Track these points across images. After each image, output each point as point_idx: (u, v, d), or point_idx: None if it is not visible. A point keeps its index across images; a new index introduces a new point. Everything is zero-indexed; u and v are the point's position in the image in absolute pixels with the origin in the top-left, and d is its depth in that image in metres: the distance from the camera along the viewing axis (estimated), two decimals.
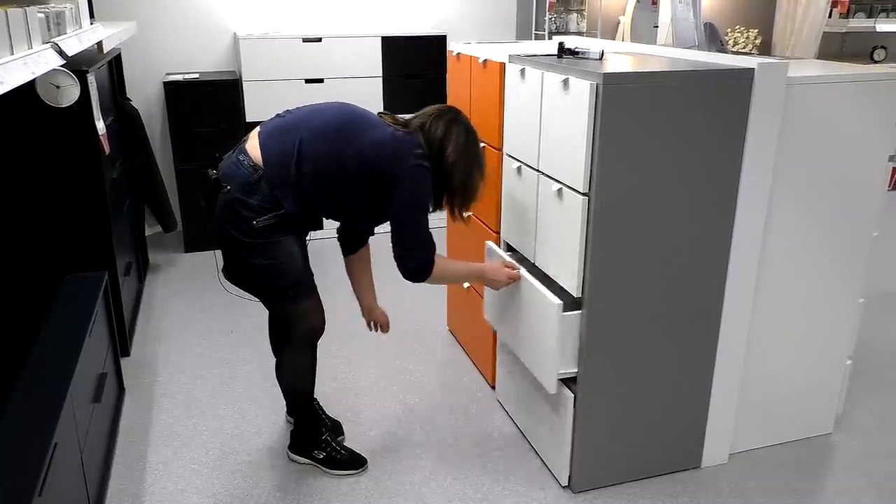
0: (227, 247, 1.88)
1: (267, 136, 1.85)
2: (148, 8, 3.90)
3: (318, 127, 1.83)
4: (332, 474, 2.09)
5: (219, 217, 1.85)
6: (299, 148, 1.80)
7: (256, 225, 1.80)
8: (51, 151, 2.44)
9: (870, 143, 1.99)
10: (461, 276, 2.08)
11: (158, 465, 2.13)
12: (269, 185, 1.79)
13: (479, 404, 2.45)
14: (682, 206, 1.84)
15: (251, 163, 1.81)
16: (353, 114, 1.88)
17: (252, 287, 1.94)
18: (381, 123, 1.87)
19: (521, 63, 2.05)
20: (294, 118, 1.88)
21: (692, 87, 1.75)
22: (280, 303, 1.96)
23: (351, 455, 2.13)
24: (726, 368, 2.04)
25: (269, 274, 1.87)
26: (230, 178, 1.82)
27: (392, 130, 1.85)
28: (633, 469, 2.06)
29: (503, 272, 2.02)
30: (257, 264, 1.85)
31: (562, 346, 1.86)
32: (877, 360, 2.74)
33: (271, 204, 1.80)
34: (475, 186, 1.93)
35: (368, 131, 1.82)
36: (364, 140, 1.81)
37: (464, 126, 1.91)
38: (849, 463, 2.16)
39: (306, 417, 2.15)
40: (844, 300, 2.14)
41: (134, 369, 2.66)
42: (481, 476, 2.09)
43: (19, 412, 1.55)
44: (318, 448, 2.12)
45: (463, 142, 1.88)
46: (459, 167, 1.87)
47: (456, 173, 1.87)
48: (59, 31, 2.01)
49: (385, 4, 4.31)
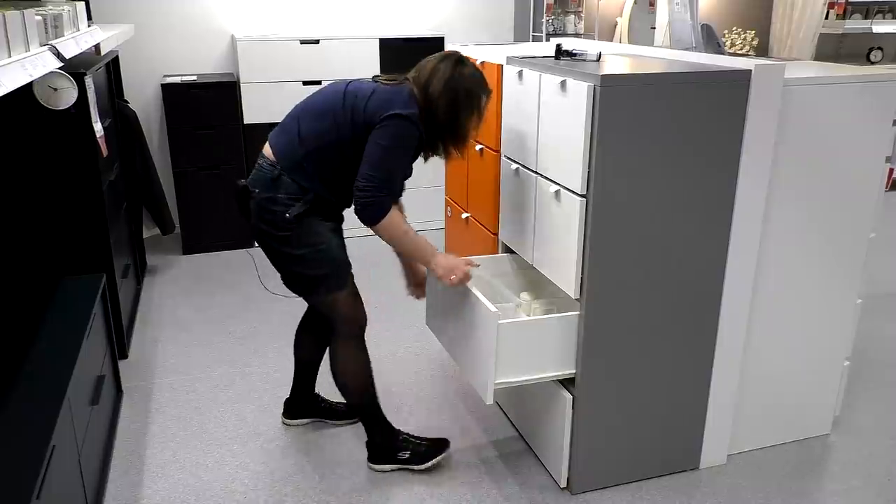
0: (269, 249, 1.93)
1: (274, 133, 1.94)
2: (145, 10, 3.90)
3: (312, 106, 1.90)
4: (424, 469, 2.08)
5: (255, 222, 1.91)
6: (299, 130, 1.87)
7: (289, 216, 1.84)
8: (48, 153, 2.44)
9: (867, 144, 2.00)
10: (412, 244, 1.89)
11: (156, 468, 2.13)
12: (287, 175, 1.85)
13: (478, 405, 2.45)
14: (679, 208, 1.84)
15: (269, 162, 1.89)
16: (345, 84, 1.90)
17: (297, 281, 1.97)
18: (370, 85, 1.87)
19: (518, 65, 2.06)
20: (294, 110, 1.94)
21: (689, 88, 1.75)
22: (321, 293, 1.96)
23: (431, 442, 2.12)
24: (724, 369, 2.04)
25: (309, 260, 1.89)
26: (256, 182, 1.90)
27: (378, 86, 1.86)
28: (632, 470, 2.06)
29: (461, 268, 1.89)
30: (298, 255, 1.89)
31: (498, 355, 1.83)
32: (875, 361, 2.74)
33: (297, 192, 1.85)
34: (462, 123, 1.86)
35: (357, 97, 1.84)
36: (353, 105, 1.83)
37: (453, 61, 1.86)
38: (847, 464, 2.16)
39: (375, 420, 2.10)
40: (842, 301, 2.14)
41: (132, 371, 2.66)
42: (480, 478, 2.09)
43: (17, 415, 1.55)
44: (400, 449, 2.09)
45: (448, 76, 1.83)
46: (443, 103, 1.82)
47: (440, 109, 1.83)
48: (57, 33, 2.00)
49: (383, 6, 4.32)
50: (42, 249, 2.51)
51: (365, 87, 1.87)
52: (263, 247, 1.95)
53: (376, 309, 2.90)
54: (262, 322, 3.07)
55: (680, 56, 2.20)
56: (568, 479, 2.02)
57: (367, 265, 2.94)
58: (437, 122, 1.85)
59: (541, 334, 1.86)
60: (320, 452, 2.20)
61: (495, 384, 1.86)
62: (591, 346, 1.88)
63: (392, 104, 1.80)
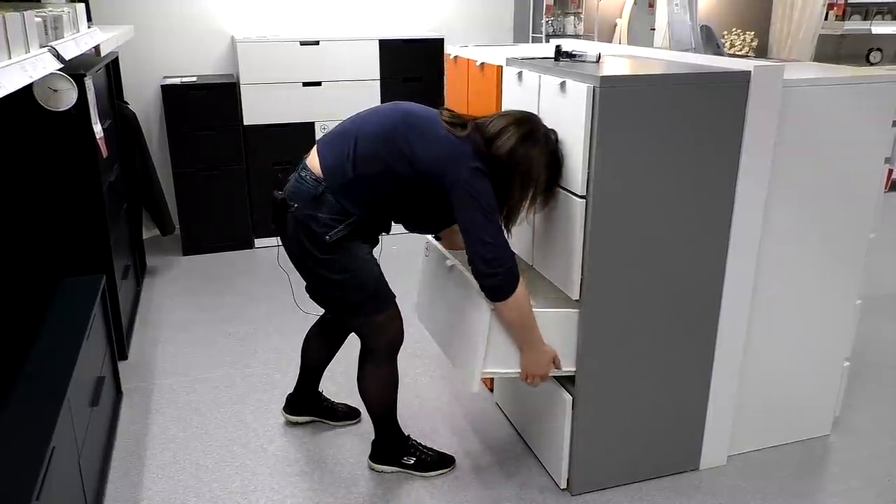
0: (304, 265, 1.86)
1: (324, 145, 1.83)
2: (145, 11, 3.90)
3: (372, 128, 1.78)
4: (425, 477, 2.08)
5: (291, 236, 1.82)
6: (354, 150, 1.76)
7: (330, 239, 1.76)
8: (48, 155, 2.44)
9: (866, 145, 2.00)
10: (532, 326, 1.80)
11: (156, 469, 2.13)
12: (332, 194, 1.76)
13: (478, 407, 2.45)
14: (679, 209, 1.84)
15: (313, 177, 1.79)
16: (409, 113, 1.79)
17: (333, 304, 1.93)
18: (437, 124, 1.75)
19: (518, 66, 2.06)
20: (349, 123, 1.84)
21: (689, 89, 1.75)
22: (360, 316, 1.91)
23: (438, 455, 2.12)
24: (724, 370, 2.04)
25: (349, 286, 1.84)
26: (296, 195, 1.80)
27: (446, 133, 1.73)
28: (632, 471, 2.06)
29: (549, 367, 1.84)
30: (336, 280, 1.83)
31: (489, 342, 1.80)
32: (874, 362, 2.74)
33: (340, 213, 1.77)
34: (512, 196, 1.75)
35: (422, 133, 1.74)
36: (416, 142, 1.73)
37: (525, 132, 1.73)
38: (847, 465, 2.16)
39: (390, 428, 2.09)
40: (842, 302, 2.14)
41: (132, 373, 2.66)
42: (479, 479, 2.09)
43: (17, 416, 1.55)
44: (406, 455, 2.09)
45: (512, 145, 1.71)
46: (503, 168, 1.71)
47: (497, 172, 1.72)
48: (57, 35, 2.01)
49: (382, 8, 4.32)
50: (42, 250, 2.50)
51: (429, 124, 1.75)
52: (298, 264, 1.87)
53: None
54: (263, 323, 3.07)
55: (679, 57, 2.20)
56: (568, 480, 2.02)
57: None
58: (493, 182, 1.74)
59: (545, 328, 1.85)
60: (320, 453, 2.20)
61: (483, 373, 1.84)
62: (591, 346, 1.88)
63: (467, 157, 1.70)
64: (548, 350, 1.84)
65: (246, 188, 3.87)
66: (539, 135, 1.77)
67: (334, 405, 2.33)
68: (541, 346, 1.83)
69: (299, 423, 2.33)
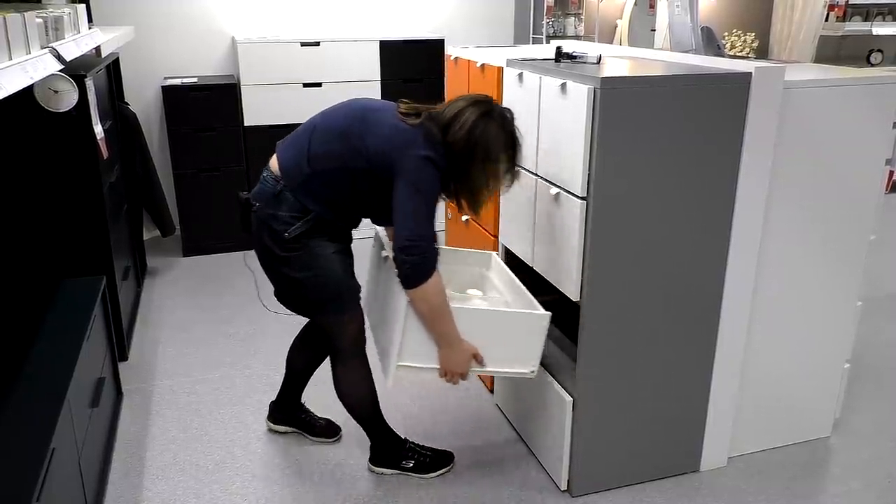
0: (268, 265, 1.88)
1: (282, 146, 1.87)
2: (146, 12, 3.91)
3: (327, 125, 1.81)
4: (426, 478, 2.08)
5: (256, 236, 1.86)
6: (309, 148, 1.79)
7: (288, 236, 1.78)
8: (49, 156, 2.44)
9: (866, 147, 2.00)
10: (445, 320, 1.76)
11: (156, 471, 2.13)
12: (291, 192, 1.78)
13: (478, 409, 2.45)
14: (680, 210, 1.84)
15: (273, 176, 1.82)
16: (364, 108, 1.81)
17: (298, 304, 1.93)
18: (390, 115, 1.77)
19: (518, 67, 2.06)
20: (307, 123, 1.87)
21: (690, 91, 1.75)
22: (324, 315, 1.92)
23: (435, 453, 2.11)
24: (725, 372, 2.04)
25: (310, 285, 1.85)
26: (258, 195, 1.84)
27: (397, 123, 1.75)
28: (632, 473, 2.06)
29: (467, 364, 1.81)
30: (298, 278, 1.84)
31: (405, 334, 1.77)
32: (875, 363, 2.74)
33: (299, 211, 1.78)
34: (473, 179, 1.75)
35: (374, 126, 1.76)
36: (369, 135, 1.75)
37: (482, 110, 1.73)
38: (847, 466, 2.16)
39: (379, 429, 2.09)
40: (842, 303, 2.14)
41: (132, 374, 2.66)
42: (480, 481, 2.09)
43: (17, 417, 1.55)
44: (405, 458, 2.09)
45: (470, 125, 1.71)
46: (458, 151, 1.71)
47: (455, 157, 1.72)
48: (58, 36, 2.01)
49: (383, 9, 4.32)
50: (42, 251, 2.51)
51: (382, 116, 1.77)
52: (263, 263, 1.89)
53: None
54: (263, 324, 3.07)
55: (680, 58, 2.20)
56: (568, 482, 2.02)
57: None
58: (451, 168, 1.74)
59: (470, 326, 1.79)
60: (321, 455, 2.20)
61: (399, 366, 1.81)
62: (591, 347, 1.88)
63: (412, 144, 1.71)
64: (466, 348, 1.80)
65: (246, 189, 3.86)
66: (495, 114, 1.75)
67: (314, 419, 2.28)
68: (457, 344, 1.79)
69: (279, 433, 2.30)
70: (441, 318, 1.76)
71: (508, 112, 1.81)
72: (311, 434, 2.26)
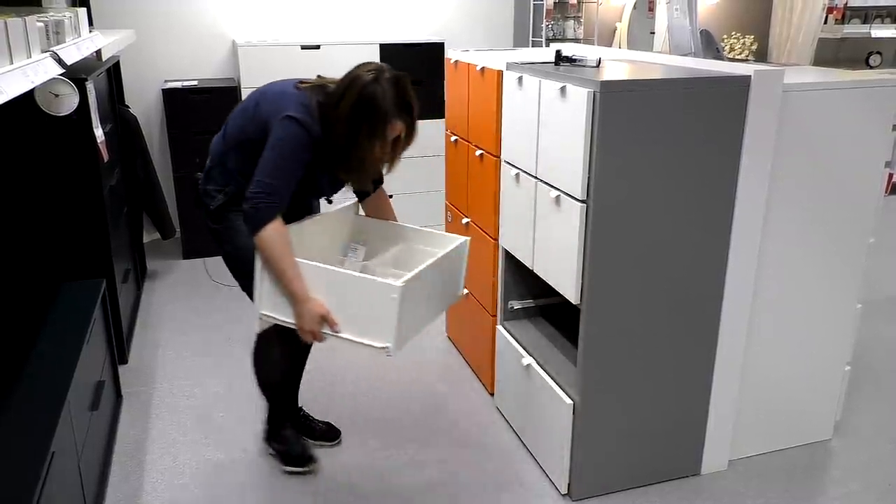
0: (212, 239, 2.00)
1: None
2: (147, 16, 3.91)
3: (241, 105, 1.93)
4: (284, 469, 2.12)
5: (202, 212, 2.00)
6: (226, 127, 1.94)
7: (212, 208, 1.92)
8: (49, 159, 2.44)
9: (866, 149, 2.00)
10: (285, 272, 1.74)
11: (156, 474, 2.13)
12: (214, 168, 1.94)
13: (478, 412, 2.45)
14: (679, 213, 1.84)
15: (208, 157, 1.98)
16: (270, 84, 1.89)
17: (234, 277, 2.01)
18: (289, 85, 1.85)
19: (518, 71, 2.06)
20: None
21: (689, 94, 1.75)
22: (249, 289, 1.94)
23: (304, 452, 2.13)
24: (725, 375, 2.04)
25: (233, 258, 1.96)
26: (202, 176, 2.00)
27: (287, 89, 1.82)
28: (633, 476, 2.06)
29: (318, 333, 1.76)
30: (226, 251, 1.97)
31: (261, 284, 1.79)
32: (875, 366, 2.74)
33: (221, 185, 1.92)
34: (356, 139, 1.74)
35: (269, 94, 1.85)
36: (263, 103, 1.83)
37: (375, 71, 1.73)
38: (848, 469, 2.16)
39: (276, 410, 2.16)
40: (842, 306, 2.14)
41: (132, 377, 2.66)
42: (480, 485, 2.09)
43: (17, 421, 1.55)
44: (276, 440, 2.15)
45: (359, 82, 1.72)
46: (342, 109, 1.73)
47: (338, 117, 1.74)
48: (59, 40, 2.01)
49: (383, 12, 4.33)
50: (43, 254, 2.51)
51: (277, 87, 1.86)
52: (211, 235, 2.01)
53: None
54: None
55: (679, 62, 2.20)
56: (568, 486, 2.01)
57: None
58: (333, 131, 1.76)
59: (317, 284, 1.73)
60: (322, 458, 2.20)
61: (262, 315, 1.83)
62: (591, 351, 1.88)
63: (285, 107, 1.76)
64: (312, 307, 1.74)
65: None
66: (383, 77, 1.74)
67: (313, 422, 2.28)
68: (303, 301, 1.75)
69: None
70: (278, 270, 1.74)
71: (403, 76, 1.79)
72: (311, 437, 2.26)
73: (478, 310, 2.56)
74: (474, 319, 2.61)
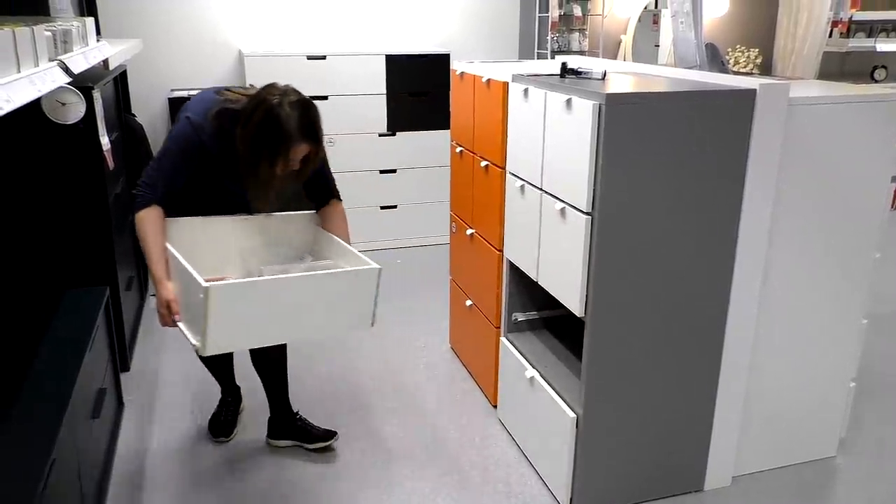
0: None
1: None
2: (154, 25, 3.94)
3: None
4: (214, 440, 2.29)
5: None
6: None
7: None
8: (55, 166, 2.45)
9: (871, 164, 2.00)
10: (148, 255, 1.83)
11: (158, 482, 2.12)
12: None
13: (481, 423, 2.44)
14: (684, 226, 1.84)
15: None
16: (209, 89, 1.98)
17: None
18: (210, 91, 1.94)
19: (524, 83, 2.06)
20: None
21: (694, 107, 1.75)
22: None
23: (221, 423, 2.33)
24: (729, 390, 2.03)
25: None
26: None
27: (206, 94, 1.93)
28: (635, 491, 2.04)
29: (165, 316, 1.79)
30: None
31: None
32: (880, 382, 2.72)
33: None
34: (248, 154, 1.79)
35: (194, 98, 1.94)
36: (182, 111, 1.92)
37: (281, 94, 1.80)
38: (852, 486, 2.14)
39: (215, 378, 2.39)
40: (847, 321, 2.13)
41: (133, 384, 2.65)
42: (481, 497, 2.07)
43: (18, 427, 1.54)
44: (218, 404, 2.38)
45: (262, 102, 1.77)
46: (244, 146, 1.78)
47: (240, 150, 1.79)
48: (66, 49, 2.02)
49: (389, 23, 4.35)
50: (46, 261, 2.51)
51: (206, 91, 1.96)
52: None
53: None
54: None
55: (684, 75, 2.20)
56: (570, 499, 2.00)
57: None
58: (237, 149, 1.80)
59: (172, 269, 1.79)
60: (324, 464, 2.19)
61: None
62: (595, 364, 1.87)
63: (192, 108, 1.87)
64: (161, 291, 1.79)
65: None
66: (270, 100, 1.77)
67: (309, 426, 2.28)
68: (156, 283, 1.81)
69: (280, 448, 2.28)
70: (144, 252, 1.85)
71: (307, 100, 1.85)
72: (307, 442, 2.26)
73: (482, 321, 2.55)
74: (478, 331, 2.60)
